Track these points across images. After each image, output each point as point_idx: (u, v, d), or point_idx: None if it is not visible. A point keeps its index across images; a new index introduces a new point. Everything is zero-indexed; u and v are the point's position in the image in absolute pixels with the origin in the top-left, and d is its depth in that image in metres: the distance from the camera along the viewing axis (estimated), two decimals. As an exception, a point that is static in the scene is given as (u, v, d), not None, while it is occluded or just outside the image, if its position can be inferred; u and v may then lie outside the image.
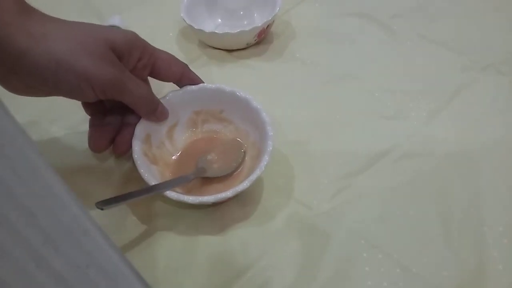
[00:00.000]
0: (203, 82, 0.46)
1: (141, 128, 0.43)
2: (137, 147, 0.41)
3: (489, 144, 0.47)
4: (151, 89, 0.45)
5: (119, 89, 0.39)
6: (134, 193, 0.39)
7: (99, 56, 0.38)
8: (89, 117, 0.45)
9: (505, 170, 0.45)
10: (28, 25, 0.35)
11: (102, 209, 0.36)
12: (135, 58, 0.42)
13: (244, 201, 0.43)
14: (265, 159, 0.41)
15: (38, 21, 0.36)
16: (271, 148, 0.41)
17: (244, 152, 0.45)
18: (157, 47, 0.44)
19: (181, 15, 0.57)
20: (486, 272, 0.38)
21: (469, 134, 0.48)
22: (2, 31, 0.34)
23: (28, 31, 0.35)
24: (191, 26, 0.56)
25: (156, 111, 0.43)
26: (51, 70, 0.36)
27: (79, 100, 0.42)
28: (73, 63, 0.36)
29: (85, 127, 0.45)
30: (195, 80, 0.46)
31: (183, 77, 0.45)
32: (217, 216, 0.43)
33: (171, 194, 0.39)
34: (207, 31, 0.56)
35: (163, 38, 0.61)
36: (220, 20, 0.63)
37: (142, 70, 0.43)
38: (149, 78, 0.45)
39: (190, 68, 0.46)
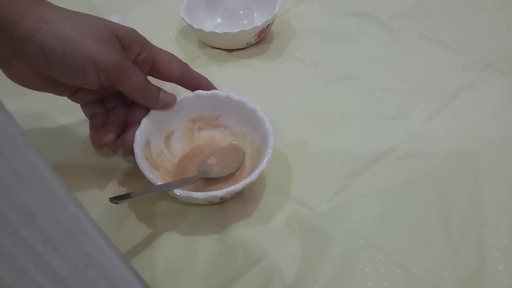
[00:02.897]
0: (206, 78, 0.46)
1: (141, 134, 0.43)
2: (138, 151, 0.42)
3: (490, 144, 0.47)
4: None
5: (121, 76, 0.40)
6: (145, 191, 0.40)
7: (105, 41, 0.39)
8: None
9: (506, 170, 0.45)
10: (39, 8, 0.37)
11: (117, 203, 0.37)
12: (135, 52, 0.42)
13: (244, 201, 0.43)
14: (269, 152, 0.41)
15: (49, 7, 0.38)
16: (273, 143, 0.41)
17: (244, 152, 0.45)
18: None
19: (181, 14, 0.57)
20: (487, 272, 0.38)
21: (469, 134, 0.48)
22: (14, 11, 0.35)
23: (39, 13, 0.36)
24: (191, 25, 0.56)
25: (158, 98, 0.43)
26: (58, 50, 0.37)
27: (79, 85, 0.42)
28: (80, 44, 0.37)
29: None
30: (197, 77, 0.46)
31: (184, 74, 0.45)
32: (217, 216, 0.43)
33: (179, 191, 0.39)
34: (207, 30, 0.56)
35: (162, 38, 0.61)
36: (220, 20, 0.63)
37: (142, 65, 0.43)
38: (154, 80, 0.45)
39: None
